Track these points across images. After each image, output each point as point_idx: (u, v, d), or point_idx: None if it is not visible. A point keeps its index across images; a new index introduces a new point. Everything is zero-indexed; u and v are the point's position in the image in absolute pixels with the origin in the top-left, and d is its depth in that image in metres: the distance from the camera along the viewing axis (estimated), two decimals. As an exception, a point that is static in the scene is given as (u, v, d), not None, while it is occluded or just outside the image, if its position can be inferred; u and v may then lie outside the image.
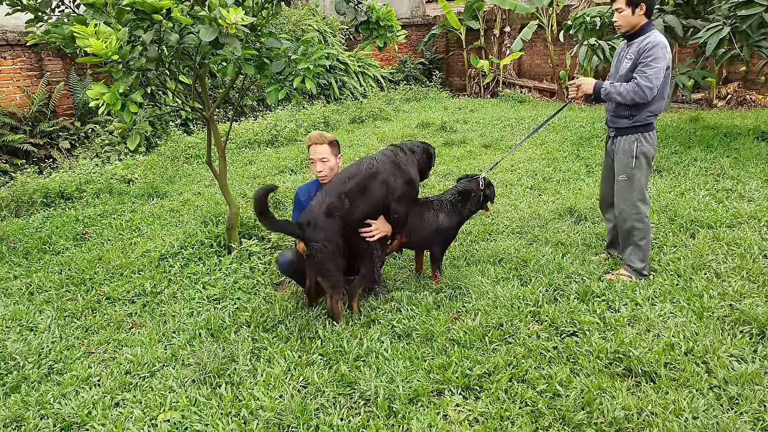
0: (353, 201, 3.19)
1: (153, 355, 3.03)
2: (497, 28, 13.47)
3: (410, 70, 14.16)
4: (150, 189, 6.23)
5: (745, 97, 10.15)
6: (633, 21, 3.41)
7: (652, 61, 3.29)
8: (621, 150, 3.55)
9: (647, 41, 3.35)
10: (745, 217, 4.43)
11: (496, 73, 13.44)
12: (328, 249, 3.14)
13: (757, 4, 5.42)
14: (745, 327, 2.93)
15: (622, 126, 3.52)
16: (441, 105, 11.93)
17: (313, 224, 3.14)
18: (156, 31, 2.98)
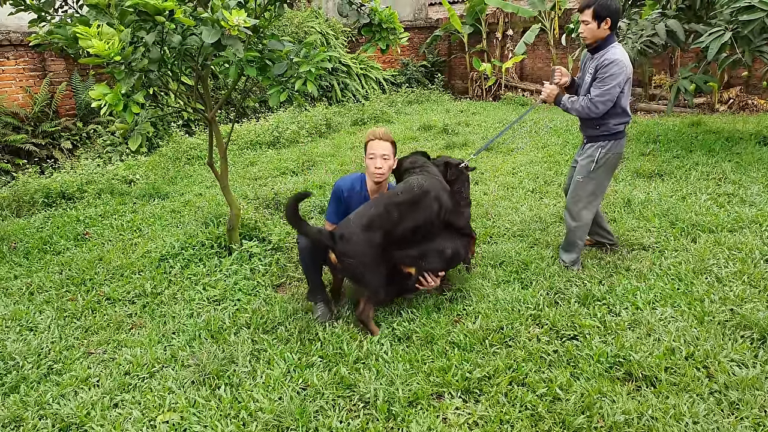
0: (403, 214, 3.16)
1: (152, 356, 3.03)
2: (500, 32, 13.48)
3: (412, 72, 14.16)
4: (151, 190, 6.23)
5: (747, 102, 10.14)
6: (598, 34, 3.47)
7: (607, 78, 3.40)
8: (585, 154, 3.69)
9: (604, 57, 3.44)
10: (747, 221, 4.43)
11: (498, 76, 13.44)
12: (366, 261, 3.11)
13: (758, 9, 5.42)
14: (746, 332, 2.93)
15: (591, 134, 3.66)
16: (443, 108, 11.94)
17: (347, 238, 3.09)
18: (159, 32, 2.99)
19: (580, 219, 3.72)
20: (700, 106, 10.45)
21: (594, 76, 3.49)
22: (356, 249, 3.08)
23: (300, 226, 3.11)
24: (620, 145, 3.62)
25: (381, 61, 13.85)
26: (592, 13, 3.41)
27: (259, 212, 5.12)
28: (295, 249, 4.30)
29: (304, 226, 3.13)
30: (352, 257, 3.10)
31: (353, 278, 3.27)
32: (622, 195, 5.22)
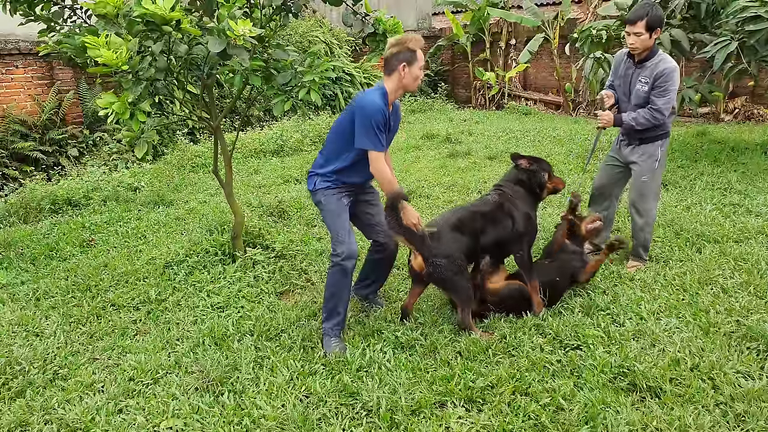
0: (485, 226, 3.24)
1: (157, 362, 3.04)
2: (503, 41, 13.53)
3: (416, 81, 14.21)
4: (156, 197, 6.26)
5: (752, 112, 10.13)
6: (648, 44, 3.62)
7: (669, 87, 3.59)
8: (646, 154, 3.86)
9: (663, 67, 3.59)
10: (753, 232, 4.41)
11: (502, 85, 13.48)
12: (456, 264, 3.08)
13: (765, 18, 5.43)
14: (751, 343, 2.91)
15: (647, 135, 3.82)
16: (446, 116, 11.96)
17: (436, 237, 3.08)
18: (165, 42, 3.03)
19: (650, 216, 3.95)
20: (705, 116, 10.44)
21: (653, 84, 3.64)
22: (448, 249, 3.07)
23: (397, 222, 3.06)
24: (668, 142, 3.94)
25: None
26: (645, 25, 3.52)
27: (263, 220, 5.14)
28: (298, 257, 4.31)
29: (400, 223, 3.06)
30: (445, 257, 3.05)
31: (444, 282, 3.13)
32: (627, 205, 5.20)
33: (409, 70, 2.98)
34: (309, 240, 4.67)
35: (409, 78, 3.00)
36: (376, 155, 2.99)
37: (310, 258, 4.31)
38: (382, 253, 3.41)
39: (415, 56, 2.98)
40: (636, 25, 3.55)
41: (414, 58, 2.98)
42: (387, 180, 3.03)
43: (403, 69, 2.97)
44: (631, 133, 3.87)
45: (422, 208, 5.65)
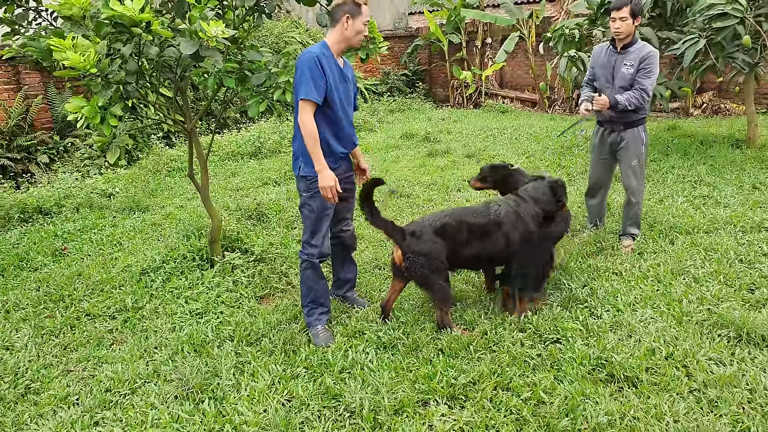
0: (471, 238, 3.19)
1: (134, 371, 2.99)
2: (479, 40, 13.63)
3: (394, 81, 14.24)
4: (131, 203, 6.17)
5: (719, 106, 10.37)
6: (632, 30, 3.92)
7: (653, 69, 3.90)
8: (632, 139, 4.12)
9: (648, 50, 3.91)
10: (721, 222, 4.52)
11: (479, 84, 13.57)
12: (432, 263, 3.08)
13: (731, 16, 5.55)
14: (722, 330, 2.98)
15: (632, 119, 4.09)
16: (425, 116, 12.01)
17: (417, 235, 3.10)
18: (135, 44, 2.98)
19: (640, 196, 4.21)
20: (675, 111, 10.65)
21: (638, 67, 3.91)
22: (426, 248, 3.08)
23: (372, 213, 3.08)
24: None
25: (362, 70, 13.90)
26: (629, 10, 3.83)
27: (242, 223, 5.09)
28: (278, 260, 4.28)
29: (376, 214, 3.08)
30: (423, 255, 3.07)
31: (419, 279, 3.15)
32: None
33: (353, 22, 2.94)
34: (288, 242, 4.64)
35: (351, 31, 2.96)
36: (303, 104, 2.89)
37: (290, 261, 4.29)
38: (337, 240, 3.45)
39: (360, 10, 2.95)
40: (621, 10, 3.85)
41: (358, 12, 2.95)
42: (309, 133, 2.89)
43: (346, 20, 2.93)
44: (615, 120, 4.12)
45: (402, 207, 5.66)
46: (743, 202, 5.02)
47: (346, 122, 3.12)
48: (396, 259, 3.19)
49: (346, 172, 3.31)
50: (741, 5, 5.53)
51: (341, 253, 3.54)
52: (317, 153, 2.92)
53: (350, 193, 3.40)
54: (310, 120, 2.91)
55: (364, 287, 3.85)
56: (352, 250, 3.58)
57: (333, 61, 2.99)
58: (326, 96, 2.94)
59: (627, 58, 3.97)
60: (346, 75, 3.11)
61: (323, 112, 3.00)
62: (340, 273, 3.60)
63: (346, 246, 3.52)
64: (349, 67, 3.18)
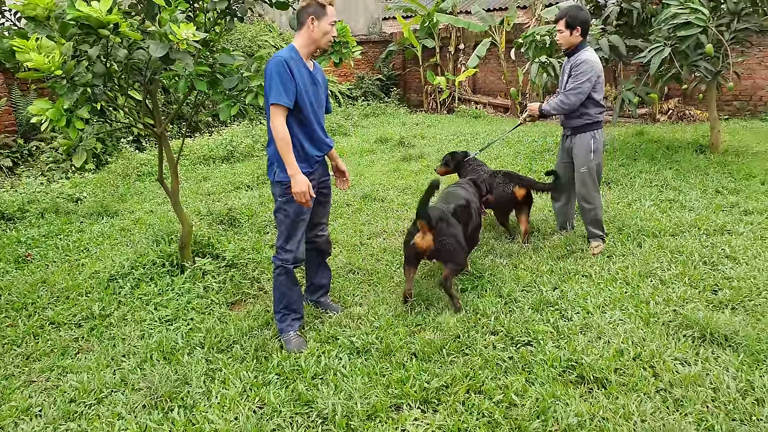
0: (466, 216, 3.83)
1: (100, 380, 2.91)
2: (452, 46, 13.75)
3: (368, 86, 14.27)
4: (100, 208, 6.03)
5: (684, 112, 10.66)
6: (571, 41, 4.06)
7: (579, 75, 4.00)
8: (580, 145, 4.18)
9: (580, 59, 4.03)
10: (687, 225, 4.64)
11: (452, 89, 13.69)
12: (460, 240, 3.54)
13: (694, 25, 5.72)
14: (687, 331, 3.05)
15: (578, 125, 4.16)
16: (399, 120, 12.06)
17: (446, 220, 3.53)
18: (103, 46, 2.92)
19: (594, 201, 4.24)
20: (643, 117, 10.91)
21: (569, 74, 4.07)
22: (454, 230, 3.53)
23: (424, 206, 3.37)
24: (602, 132, 4.23)
25: (336, 74, 13.89)
26: (564, 23, 4.01)
27: (213, 228, 5.03)
28: (250, 265, 4.23)
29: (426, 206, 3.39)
30: (452, 237, 3.49)
31: (448, 256, 3.50)
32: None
33: (318, 24, 2.93)
34: (261, 247, 4.60)
35: (318, 32, 2.95)
36: (274, 109, 2.87)
37: (262, 266, 4.25)
38: (312, 245, 3.43)
39: (324, 11, 2.94)
40: (558, 23, 4.07)
41: (323, 13, 2.94)
42: (281, 138, 2.87)
43: (311, 22, 2.92)
44: (565, 125, 4.28)
45: (377, 211, 5.66)
46: (707, 205, 5.16)
47: (318, 125, 3.11)
48: (423, 245, 3.45)
49: (323, 176, 3.30)
50: (704, 15, 5.70)
51: (316, 258, 3.52)
52: (290, 158, 2.90)
53: (326, 198, 3.39)
54: (281, 125, 2.89)
55: (338, 292, 3.83)
56: (326, 256, 3.56)
57: (302, 64, 2.98)
58: (297, 100, 2.93)
59: (568, 66, 4.13)
60: (316, 78, 3.10)
61: (295, 116, 2.98)
62: (314, 278, 3.58)
63: (320, 251, 3.50)
64: (319, 69, 3.17)
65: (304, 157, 3.06)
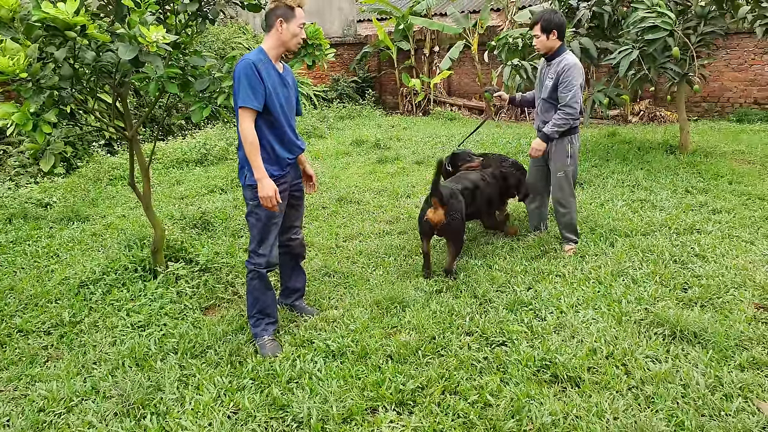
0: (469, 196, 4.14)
1: (71, 389, 2.85)
2: (427, 48, 13.82)
3: (343, 88, 14.25)
4: (70, 213, 5.90)
5: (655, 114, 10.89)
6: (548, 45, 4.04)
7: (570, 82, 3.94)
8: (558, 151, 4.19)
9: (564, 63, 3.98)
10: (657, 225, 4.73)
11: (427, 91, 13.75)
12: (462, 219, 3.91)
13: (661, 29, 5.85)
14: (658, 329, 3.11)
15: None
16: (374, 123, 12.06)
17: (455, 197, 3.89)
18: (70, 48, 2.86)
19: (571, 206, 4.29)
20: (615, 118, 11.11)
21: (556, 80, 4.00)
22: (461, 208, 3.89)
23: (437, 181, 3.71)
24: (578, 137, 4.27)
25: (311, 76, 13.85)
26: (540, 27, 3.99)
27: (186, 232, 4.96)
28: (224, 269, 4.19)
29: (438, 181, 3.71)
30: (459, 214, 3.85)
31: (454, 234, 3.91)
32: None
33: (287, 26, 2.93)
34: (235, 251, 4.56)
35: (287, 34, 2.94)
36: (243, 112, 2.86)
37: (236, 270, 4.20)
38: (285, 248, 3.41)
39: (293, 13, 2.94)
40: (534, 28, 4.05)
41: (291, 15, 2.93)
42: (249, 141, 2.86)
43: (280, 24, 2.92)
44: (542, 128, 4.17)
45: (352, 213, 5.66)
46: (677, 205, 5.28)
47: (289, 127, 3.09)
48: (435, 219, 3.81)
49: (295, 179, 3.28)
50: (670, 19, 5.83)
51: (290, 262, 3.50)
52: (257, 162, 2.89)
53: (299, 201, 3.37)
54: (249, 128, 2.88)
55: (314, 295, 3.82)
56: (300, 259, 3.54)
57: (271, 66, 2.97)
58: (266, 102, 2.92)
59: (550, 71, 4.09)
60: (286, 80, 3.08)
61: (265, 119, 2.97)
62: (289, 282, 3.56)
63: (294, 255, 3.48)
64: (288, 71, 3.16)
65: (275, 160, 3.04)
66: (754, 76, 10.35)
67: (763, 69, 10.26)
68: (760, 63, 10.25)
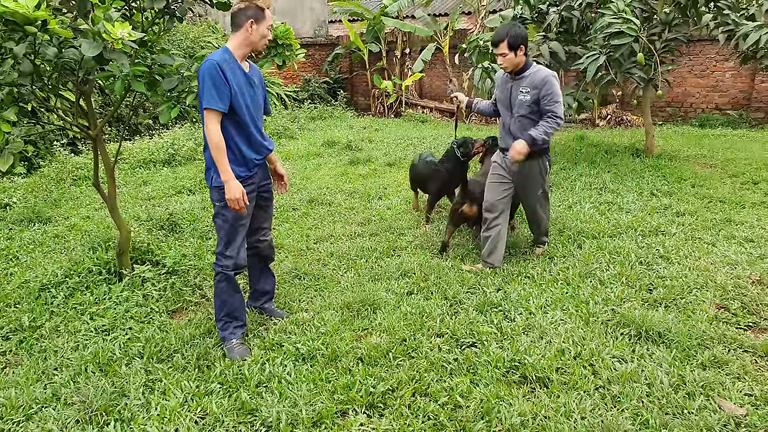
0: None
1: (30, 396, 2.75)
2: (398, 50, 13.85)
3: (315, 89, 14.18)
4: (31, 214, 5.73)
5: (622, 118, 11.14)
6: (517, 61, 3.79)
7: (552, 94, 3.73)
8: (536, 170, 4.00)
9: (541, 76, 3.75)
10: (624, 227, 4.83)
11: (399, 93, 13.78)
12: None
13: (627, 34, 5.98)
14: (625, 329, 3.17)
15: (533, 151, 3.81)
16: (346, 124, 12.03)
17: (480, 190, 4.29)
18: (30, 43, 2.77)
19: (547, 213, 4.34)
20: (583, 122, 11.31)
21: (537, 95, 3.76)
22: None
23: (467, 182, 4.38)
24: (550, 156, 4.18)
25: (282, 76, 13.74)
26: (506, 45, 3.70)
27: (153, 234, 4.86)
28: (192, 272, 4.11)
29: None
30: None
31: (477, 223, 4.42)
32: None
33: (257, 27, 2.91)
34: (203, 253, 4.48)
35: (256, 35, 2.92)
36: (208, 114, 2.82)
37: (204, 273, 4.13)
38: (254, 250, 3.37)
39: (263, 15, 2.92)
40: (499, 46, 3.74)
41: (262, 16, 2.92)
42: (215, 143, 2.82)
43: (250, 25, 2.89)
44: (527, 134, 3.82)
45: (324, 215, 5.62)
46: (643, 207, 5.40)
47: (255, 128, 3.05)
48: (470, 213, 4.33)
49: (263, 180, 3.24)
50: (635, 25, 5.97)
51: (258, 264, 3.46)
52: (224, 163, 2.85)
53: (268, 202, 3.33)
54: (215, 129, 2.83)
55: (283, 298, 3.78)
56: (269, 261, 3.50)
57: (237, 66, 2.93)
58: (232, 103, 2.87)
59: (522, 84, 3.82)
60: (252, 79, 3.04)
61: (231, 120, 2.92)
62: (257, 285, 3.51)
63: (263, 257, 3.44)
64: (255, 70, 3.12)
65: (242, 161, 3.00)
66: (716, 82, 10.68)
67: (724, 75, 10.59)
68: (721, 70, 10.58)
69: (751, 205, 5.38)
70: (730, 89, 10.59)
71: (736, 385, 2.67)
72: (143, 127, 10.02)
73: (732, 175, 6.51)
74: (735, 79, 10.51)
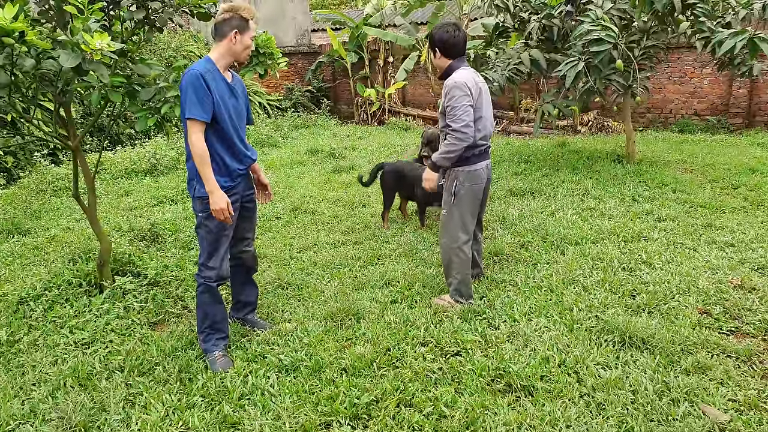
0: None
1: (6, 412, 2.69)
2: (381, 59, 13.89)
3: (298, 97, 14.15)
4: (10, 225, 5.63)
5: (603, 124, 11.26)
6: (438, 64, 3.54)
7: (453, 103, 3.33)
8: (447, 184, 3.58)
9: (448, 84, 3.41)
10: (606, 233, 4.87)
11: (382, 101, 13.81)
12: None
13: (606, 41, 6.06)
14: (609, 336, 3.18)
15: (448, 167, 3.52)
16: (330, 132, 12.01)
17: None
18: (8, 55, 2.73)
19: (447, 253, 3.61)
20: (564, 128, 11.42)
21: (444, 105, 3.44)
22: None
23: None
24: (477, 175, 3.50)
25: (265, 85, 13.70)
26: (430, 44, 3.58)
27: (134, 245, 4.80)
28: (173, 283, 4.06)
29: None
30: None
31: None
32: (498, 213, 5.54)
33: (241, 38, 2.92)
34: (185, 264, 4.43)
35: (239, 46, 2.93)
36: (191, 124, 2.81)
37: (186, 284, 4.08)
38: (237, 261, 3.33)
39: (248, 25, 2.93)
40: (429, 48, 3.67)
41: (246, 27, 2.93)
42: (198, 154, 2.81)
43: (234, 36, 2.90)
44: None
45: (307, 224, 5.59)
46: (625, 213, 5.45)
47: (238, 138, 3.04)
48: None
49: (247, 189, 3.22)
50: (613, 32, 6.05)
51: (241, 275, 3.42)
52: (207, 173, 2.83)
53: (251, 212, 3.31)
54: (199, 140, 2.82)
55: (266, 308, 3.74)
56: (253, 272, 3.47)
57: (219, 76, 2.92)
58: (215, 113, 2.86)
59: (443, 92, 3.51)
60: (235, 89, 3.03)
61: (214, 130, 2.91)
62: (240, 295, 3.48)
63: (246, 267, 3.41)
64: (238, 80, 3.11)
65: (225, 171, 2.98)
66: (694, 88, 10.85)
67: (703, 82, 10.77)
68: (700, 76, 10.76)
69: (731, 210, 5.46)
70: (708, 95, 10.77)
71: (720, 391, 2.69)
72: (125, 136, 9.92)
73: (712, 180, 6.60)
74: (713, 85, 10.68)
